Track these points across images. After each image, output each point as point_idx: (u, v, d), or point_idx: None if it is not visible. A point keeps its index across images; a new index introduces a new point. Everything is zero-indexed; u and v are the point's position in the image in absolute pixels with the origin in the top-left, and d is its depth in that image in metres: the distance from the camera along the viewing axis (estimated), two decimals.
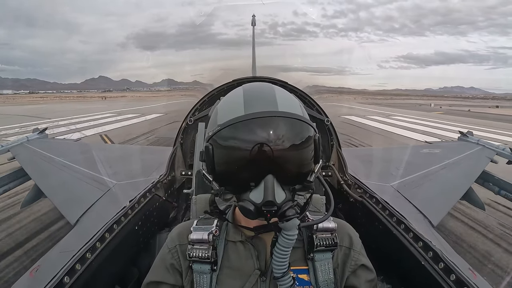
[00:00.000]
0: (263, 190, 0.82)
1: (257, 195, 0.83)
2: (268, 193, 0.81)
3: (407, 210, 2.10)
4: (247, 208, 0.83)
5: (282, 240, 0.85)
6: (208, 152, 0.87)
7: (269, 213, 0.82)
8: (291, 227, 0.83)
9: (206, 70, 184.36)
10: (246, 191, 0.85)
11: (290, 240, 0.84)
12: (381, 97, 77.82)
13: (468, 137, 4.50)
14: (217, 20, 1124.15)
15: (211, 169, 0.89)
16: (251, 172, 0.83)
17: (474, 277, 1.30)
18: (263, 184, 0.82)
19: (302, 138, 0.86)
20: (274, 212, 0.82)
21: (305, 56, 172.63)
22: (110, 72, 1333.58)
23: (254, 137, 0.82)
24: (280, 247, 0.85)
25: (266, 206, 0.81)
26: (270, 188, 0.81)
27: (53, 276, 1.20)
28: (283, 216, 0.82)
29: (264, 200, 0.81)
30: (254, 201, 0.83)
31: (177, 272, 1.01)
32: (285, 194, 0.84)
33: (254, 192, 0.83)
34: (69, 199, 2.54)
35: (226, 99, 0.97)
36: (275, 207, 0.81)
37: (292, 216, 0.82)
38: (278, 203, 0.82)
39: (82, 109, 28.79)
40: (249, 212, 0.83)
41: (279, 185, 0.83)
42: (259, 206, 0.82)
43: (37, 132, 4.35)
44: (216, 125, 0.88)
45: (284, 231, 0.84)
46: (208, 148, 0.88)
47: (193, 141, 2.61)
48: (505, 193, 3.44)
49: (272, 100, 0.87)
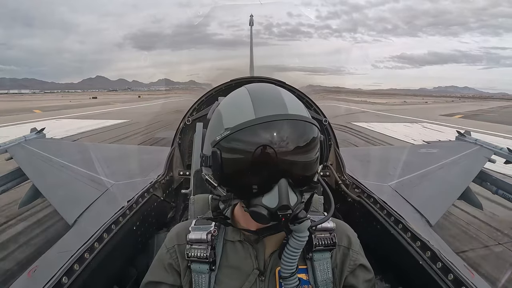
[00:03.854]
0: (277, 195, 0.80)
1: (271, 199, 0.81)
2: (283, 198, 0.80)
3: (405, 209, 2.11)
4: (261, 213, 0.81)
5: (294, 242, 0.85)
6: (216, 157, 0.84)
7: (284, 217, 0.81)
8: (303, 229, 0.83)
9: (202, 70, 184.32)
10: (257, 196, 0.83)
11: (302, 241, 0.84)
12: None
13: (466, 137, 4.52)
14: (213, 21, 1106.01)
15: (218, 175, 0.87)
16: (264, 176, 0.82)
17: (472, 276, 1.31)
18: (277, 188, 0.81)
19: (312, 140, 0.86)
20: (289, 215, 0.81)
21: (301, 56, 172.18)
22: (107, 72, 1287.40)
23: (267, 141, 0.80)
24: (292, 248, 0.85)
25: (281, 211, 0.80)
26: (284, 192, 0.80)
27: (51, 276, 1.20)
28: (296, 219, 0.82)
29: (279, 205, 0.80)
30: (268, 206, 0.81)
31: (176, 272, 1.01)
32: (297, 197, 0.84)
33: (267, 197, 0.82)
34: (67, 199, 2.54)
35: (229, 101, 0.94)
36: (290, 210, 0.80)
37: (304, 218, 0.82)
38: (292, 206, 0.81)
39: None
40: (262, 217, 0.81)
41: (291, 189, 0.82)
42: (273, 211, 0.81)
43: (35, 132, 4.33)
44: (223, 128, 0.85)
45: (296, 233, 0.84)
46: (216, 153, 0.84)
47: (191, 141, 2.61)
48: (503, 192, 3.46)
49: (281, 102, 0.86)
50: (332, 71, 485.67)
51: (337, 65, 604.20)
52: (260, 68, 15.81)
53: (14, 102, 43.46)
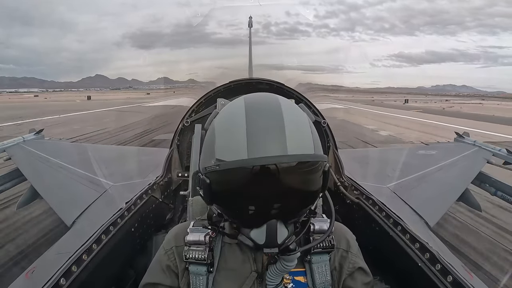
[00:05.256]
0: (265, 233, 0.78)
1: (259, 235, 0.80)
2: (271, 237, 0.78)
3: (404, 211, 2.11)
4: (247, 244, 0.81)
5: (280, 266, 0.85)
6: (205, 185, 0.81)
7: (269, 254, 0.81)
8: (292, 260, 0.84)
9: (201, 69, 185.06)
10: (246, 227, 0.83)
11: (288, 268, 0.85)
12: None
13: (465, 138, 4.52)
14: (211, 20, 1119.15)
15: (208, 201, 0.85)
16: (254, 215, 0.80)
17: (470, 278, 1.30)
18: (265, 227, 0.78)
19: (311, 180, 0.81)
20: (276, 251, 0.80)
21: (299, 55, 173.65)
22: (106, 71, 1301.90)
23: (258, 185, 0.75)
24: (277, 271, 0.86)
25: (267, 248, 0.79)
26: (273, 232, 0.78)
27: (49, 277, 1.19)
28: (286, 251, 0.81)
29: (266, 243, 0.79)
30: (254, 240, 0.80)
31: (174, 274, 1.00)
32: (288, 230, 0.81)
33: (255, 232, 0.80)
34: (65, 201, 2.52)
35: (224, 121, 0.85)
36: (276, 248, 0.80)
37: (294, 252, 0.81)
38: (279, 244, 0.79)
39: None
40: (249, 247, 0.82)
41: (282, 224, 0.80)
42: (260, 247, 0.80)
43: (34, 133, 4.32)
44: (214, 157, 0.79)
45: (283, 261, 0.84)
46: (205, 181, 0.81)
47: (190, 142, 2.60)
48: (502, 194, 3.45)
49: (280, 137, 0.76)
50: (330, 70, 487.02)
51: (335, 64, 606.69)
52: (258, 67, 15.85)
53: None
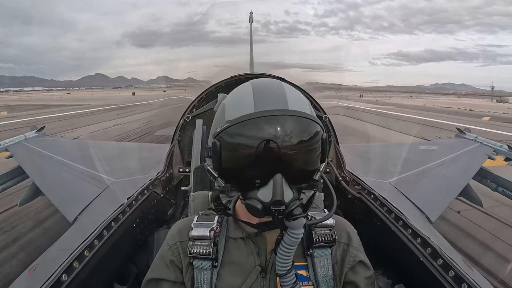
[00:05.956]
0: (272, 189, 0.81)
1: (266, 194, 0.82)
2: (277, 193, 0.80)
3: (405, 206, 2.11)
4: (255, 207, 0.82)
5: (288, 238, 0.85)
6: (215, 149, 0.85)
7: (277, 212, 0.81)
8: (298, 226, 0.83)
9: (201, 68, 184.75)
10: (253, 189, 0.84)
11: (296, 238, 0.85)
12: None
13: (466, 134, 4.51)
14: (211, 18, 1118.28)
15: (217, 166, 0.87)
16: (260, 170, 0.82)
17: (471, 273, 1.31)
18: (272, 183, 0.81)
19: (311, 137, 0.85)
20: (282, 211, 0.81)
21: (298, 53, 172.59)
22: (106, 69, 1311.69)
23: (263, 135, 0.80)
24: (286, 245, 0.86)
25: (274, 205, 0.81)
26: (279, 187, 0.80)
27: (51, 274, 1.20)
28: (290, 215, 0.82)
29: (273, 200, 0.80)
30: (262, 199, 0.82)
31: (178, 269, 1.01)
32: (293, 193, 0.84)
33: (262, 191, 0.83)
34: (67, 197, 2.53)
35: (234, 94, 0.95)
36: (283, 206, 0.81)
37: (299, 215, 0.82)
38: (286, 202, 0.81)
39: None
40: (256, 210, 0.82)
41: (287, 184, 0.82)
42: (267, 205, 0.81)
43: (35, 131, 4.33)
44: (224, 121, 0.86)
45: (290, 230, 0.84)
46: (216, 144, 0.85)
47: (191, 138, 2.60)
48: (503, 189, 3.46)
49: (282, 98, 0.86)
50: (330, 68, 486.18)
51: (335, 62, 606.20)
52: (259, 65, 15.81)
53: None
